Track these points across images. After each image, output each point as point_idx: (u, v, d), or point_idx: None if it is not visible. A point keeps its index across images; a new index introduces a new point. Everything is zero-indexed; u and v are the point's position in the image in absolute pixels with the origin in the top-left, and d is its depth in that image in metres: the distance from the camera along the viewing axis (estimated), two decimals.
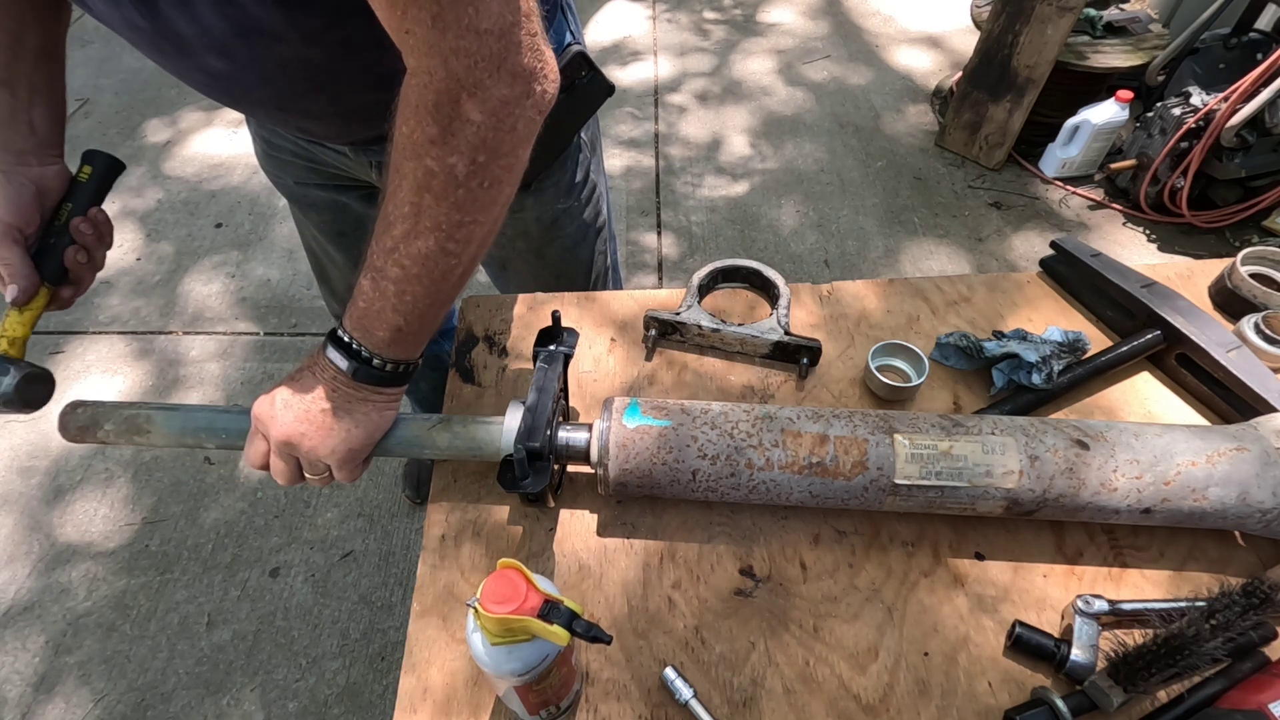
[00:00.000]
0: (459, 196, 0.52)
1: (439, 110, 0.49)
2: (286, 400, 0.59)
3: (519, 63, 0.50)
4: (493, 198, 0.54)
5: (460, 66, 0.48)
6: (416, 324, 0.57)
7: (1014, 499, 0.62)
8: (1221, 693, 0.56)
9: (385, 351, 0.58)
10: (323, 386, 0.58)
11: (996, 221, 2.28)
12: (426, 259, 0.54)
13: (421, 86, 0.49)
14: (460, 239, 0.54)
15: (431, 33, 0.46)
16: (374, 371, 0.58)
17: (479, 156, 0.51)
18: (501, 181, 0.54)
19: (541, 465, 0.62)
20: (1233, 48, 2.20)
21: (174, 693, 1.38)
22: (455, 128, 0.49)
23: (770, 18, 3.16)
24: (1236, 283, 0.84)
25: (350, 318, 0.58)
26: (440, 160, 0.50)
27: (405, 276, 0.54)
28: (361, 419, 0.60)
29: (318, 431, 0.59)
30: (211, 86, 0.69)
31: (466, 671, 0.60)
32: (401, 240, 0.53)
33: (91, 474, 1.69)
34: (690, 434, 0.63)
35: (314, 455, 0.59)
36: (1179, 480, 0.61)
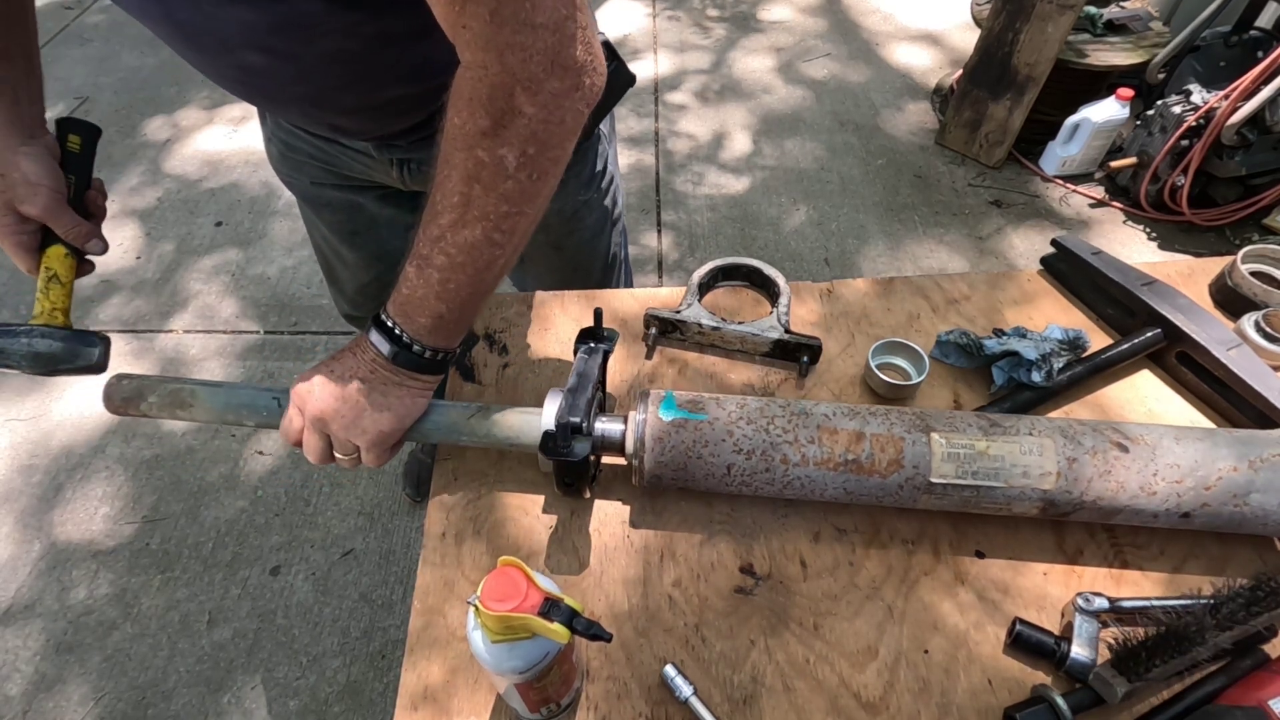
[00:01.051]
0: (507, 188, 0.53)
1: (492, 103, 0.50)
2: (324, 379, 0.60)
3: (572, 56, 0.51)
4: (539, 189, 0.55)
5: (515, 61, 0.49)
6: (458, 312, 0.59)
7: (1050, 500, 0.61)
8: (1221, 689, 0.56)
9: (426, 338, 0.59)
10: (362, 368, 0.60)
11: (997, 220, 2.28)
12: (473, 248, 0.55)
13: (475, 80, 0.50)
14: (506, 229, 0.55)
15: (488, 27, 0.48)
16: (414, 357, 0.59)
17: (529, 149, 0.52)
18: (548, 173, 0.55)
19: (582, 440, 0.62)
20: (1233, 45, 2.20)
21: (175, 691, 1.38)
22: (507, 120, 0.50)
23: (770, 15, 3.16)
24: (1237, 281, 0.84)
25: (394, 303, 0.59)
26: (491, 152, 0.51)
27: (450, 265, 0.55)
28: (395, 403, 0.61)
29: (351, 411, 0.60)
30: (246, 84, 0.69)
31: (467, 669, 0.60)
32: (449, 229, 0.54)
33: (92, 473, 1.69)
34: (726, 428, 0.63)
35: (345, 435, 0.60)
36: (1220, 485, 0.60)
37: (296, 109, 0.75)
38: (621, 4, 3.23)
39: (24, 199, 0.66)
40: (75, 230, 0.69)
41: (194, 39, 0.62)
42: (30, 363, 0.67)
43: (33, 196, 0.66)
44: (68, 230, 0.68)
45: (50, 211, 0.67)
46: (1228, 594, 0.58)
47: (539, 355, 0.83)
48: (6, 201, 0.66)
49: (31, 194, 0.66)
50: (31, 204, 0.66)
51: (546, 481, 0.71)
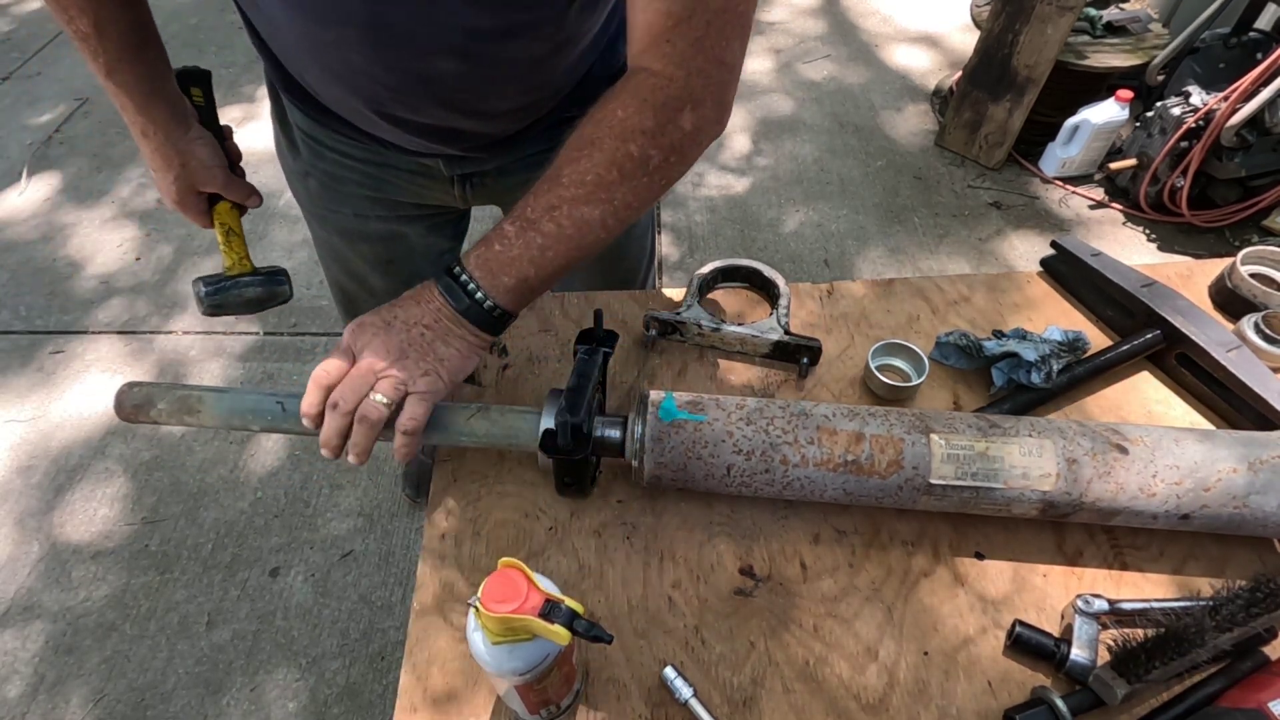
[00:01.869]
0: (641, 182, 0.59)
1: (663, 110, 0.57)
2: (389, 321, 0.61)
3: (728, 96, 0.61)
4: (657, 194, 0.62)
5: (697, 84, 0.57)
6: (543, 281, 0.61)
7: (1050, 502, 0.61)
8: (1221, 691, 0.56)
9: (502, 297, 0.60)
10: (426, 316, 0.61)
11: (996, 221, 2.28)
12: (585, 225, 0.59)
13: (657, 87, 0.57)
14: (621, 218, 0.60)
15: (690, 49, 0.56)
16: (485, 314, 0.61)
17: (671, 157, 0.59)
18: (671, 182, 0.62)
19: (583, 439, 0.62)
20: (1233, 47, 2.20)
21: (174, 692, 1.38)
22: (669, 129, 0.58)
23: (769, 16, 3.16)
24: (1236, 282, 0.84)
25: (477, 258, 0.60)
26: (642, 149, 0.58)
27: (558, 235, 0.59)
28: (455, 353, 0.62)
29: (415, 353, 0.60)
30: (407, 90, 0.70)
31: (467, 671, 0.60)
32: (569, 202, 0.58)
33: (91, 474, 1.69)
34: (725, 429, 0.63)
35: (405, 374, 0.59)
36: (1219, 487, 0.60)
37: (438, 116, 0.74)
38: None
39: (204, 182, 0.78)
40: (244, 193, 0.81)
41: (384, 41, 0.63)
42: (244, 307, 0.80)
43: (210, 179, 0.77)
44: (241, 197, 0.81)
45: (226, 187, 0.79)
46: (1227, 595, 0.58)
47: (539, 356, 0.83)
48: (189, 186, 0.77)
49: (209, 177, 0.77)
50: (210, 184, 0.78)
51: (547, 483, 0.71)
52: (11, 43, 3.09)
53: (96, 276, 2.13)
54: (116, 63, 0.68)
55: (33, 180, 2.45)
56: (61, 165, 2.50)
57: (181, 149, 0.75)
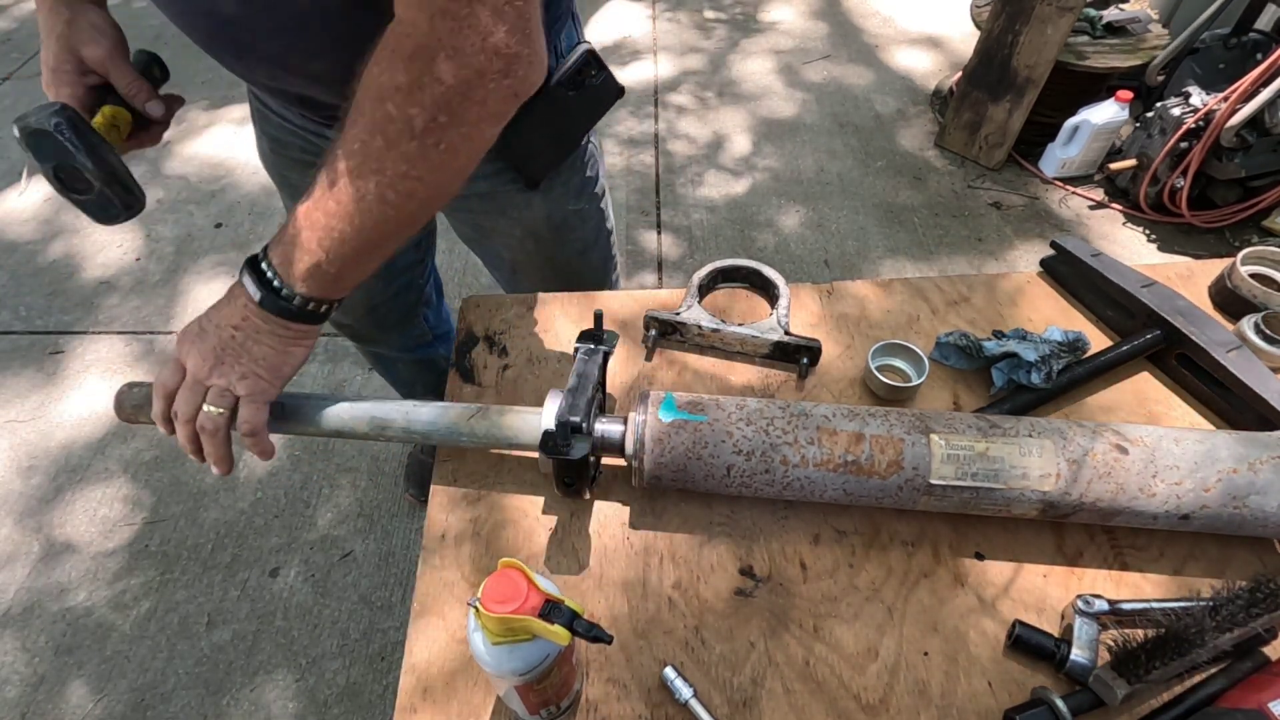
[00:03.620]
0: (409, 149, 0.52)
1: (413, 61, 0.50)
2: (203, 327, 0.60)
3: (503, 41, 0.50)
4: (444, 162, 0.54)
5: (444, 27, 0.48)
6: (338, 265, 0.57)
7: (1049, 502, 0.61)
8: (1221, 692, 0.56)
9: (299, 284, 0.57)
10: (235, 315, 0.59)
11: (996, 221, 2.28)
12: (362, 200, 0.54)
13: (403, 35, 0.50)
14: (401, 191, 0.54)
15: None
16: (283, 303, 0.58)
17: (440, 116, 0.51)
18: (458, 150, 0.54)
19: (582, 439, 0.62)
20: (1232, 48, 2.20)
21: (174, 693, 1.38)
22: (424, 82, 0.50)
23: (770, 17, 3.16)
24: (1236, 283, 0.84)
25: (275, 242, 0.57)
26: (401, 109, 0.51)
27: (339, 212, 0.54)
28: (269, 351, 0.60)
29: (230, 357, 0.59)
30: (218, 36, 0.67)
31: (467, 671, 0.60)
32: (343, 175, 0.53)
33: (91, 474, 1.69)
34: (725, 429, 0.63)
35: (224, 381, 0.59)
36: (1219, 487, 0.60)
37: (264, 70, 0.72)
38: (621, 5, 3.24)
39: (87, 41, 0.66)
40: (134, 85, 0.68)
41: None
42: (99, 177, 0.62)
43: (97, 39, 0.66)
44: (126, 84, 0.68)
45: (112, 59, 0.67)
46: (1227, 596, 0.58)
47: (539, 356, 0.83)
48: (70, 45, 0.66)
49: (95, 38, 0.66)
50: (96, 46, 0.66)
51: (547, 483, 0.71)
52: (12, 43, 3.09)
53: (96, 277, 2.13)
54: None
55: (33, 180, 2.44)
56: None
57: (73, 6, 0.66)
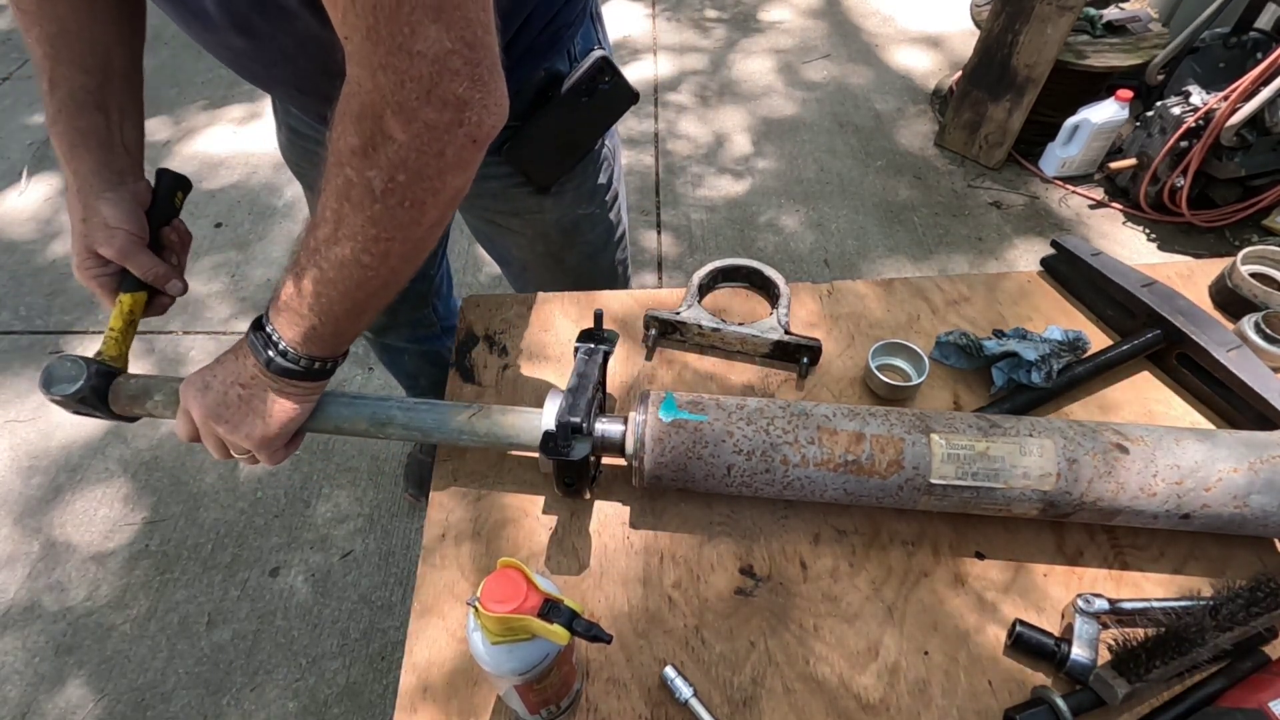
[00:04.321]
0: (375, 211, 0.51)
1: (361, 122, 0.49)
2: (208, 382, 0.61)
3: (451, 90, 0.48)
4: (414, 218, 0.53)
5: (388, 83, 0.47)
6: (331, 326, 0.57)
7: (1050, 501, 0.61)
8: (1221, 691, 0.56)
9: (300, 347, 0.58)
10: (242, 373, 0.60)
11: (996, 221, 2.28)
12: (343, 265, 0.54)
13: (350, 95, 0.49)
14: (376, 253, 0.53)
15: (364, 44, 0.46)
16: (288, 365, 0.58)
17: (398, 175, 0.50)
18: (424, 204, 0.52)
19: (582, 440, 0.62)
20: (1233, 47, 2.20)
21: (174, 692, 1.38)
22: (377, 142, 0.49)
23: (770, 16, 3.16)
24: (1237, 282, 0.84)
25: (273, 308, 0.58)
26: (359, 172, 0.50)
27: (323, 279, 0.54)
28: (275, 409, 0.61)
29: (234, 416, 0.60)
30: (237, 63, 0.69)
31: (467, 671, 0.60)
32: (323, 243, 0.53)
33: (91, 474, 1.69)
34: (726, 429, 0.63)
35: (230, 438, 0.61)
36: (1220, 487, 0.60)
37: (284, 92, 0.75)
38: (621, 5, 3.23)
39: (101, 242, 0.69)
40: (151, 272, 0.71)
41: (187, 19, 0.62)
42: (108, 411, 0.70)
43: (110, 240, 0.69)
44: (144, 271, 0.71)
45: (126, 254, 0.70)
46: (1227, 595, 0.58)
47: (539, 356, 0.83)
48: (88, 245, 0.70)
49: (109, 238, 0.69)
50: (108, 246, 0.69)
51: (546, 483, 0.71)
52: (12, 43, 3.09)
53: None
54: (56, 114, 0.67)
55: (33, 180, 2.45)
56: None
57: (89, 203, 0.69)
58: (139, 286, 0.73)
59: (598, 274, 1.05)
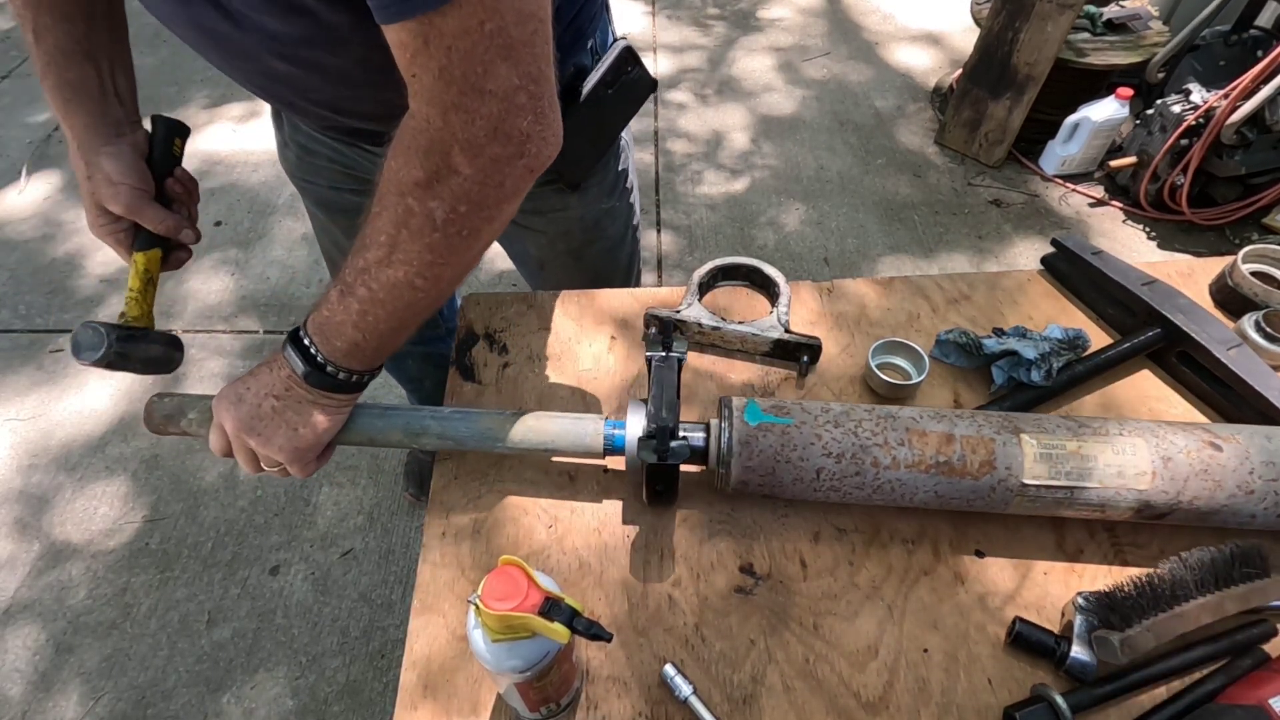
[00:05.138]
0: (434, 239, 0.52)
1: (429, 157, 0.49)
2: (241, 395, 0.60)
3: (516, 125, 0.50)
4: (469, 245, 0.55)
5: (458, 121, 0.48)
6: (375, 342, 0.58)
7: (1146, 501, 0.60)
8: (1222, 688, 0.57)
9: (341, 361, 0.58)
10: (276, 385, 0.60)
11: (996, 219, 2.28)
12: (394, 288, 0.55)
13: (416, 130, 0.50)
14: (430, 277, 0.55)
15: (436, 83, 0.47)
16: (327, 378, 0.59)
17: (460, 206, 0.51)
18: (480, 232, 0.54)
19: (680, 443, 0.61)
20: (1233, 45, 2.20)
21: (174, 690, 1.38)
22: (442, 176, 0.50)
23: (770, 14, 3.16)
24: (1237, 280, 0.84)
25: (312, 322, 0.58)
26: (421, 203, 0.51)
27: (371, 299, 0.55)
28: (310, 421, 0.61)
29: (266, 429, 0.60)
30: (269, 90, 0.69)
31: (467, 669, 0.60)
32: (374, 265, 0.54)
33: (91, 473, 1.69)
34: (814, 432, 0.62)
35: (263, 451, 0.61)
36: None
37: (317, 114, 0.75)
38: (621, 3, 3.23)
39: (108, 198, 0.68)
40: (162, 224, 0.71)
41: (219, 45, 0.62)
42: (142, 366, 0.71)
43: (115, 196, 0.68)
44: (155, 225, 0.71)
45: (133, 208, 0.69)
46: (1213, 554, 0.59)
47: (539, 354, 0.83)
48: (96, 201, 0.69)
49: (114, 194, 0.68)
50: (115, 202, 0.69)
51: (546, 481, 0.71)
52: (11, 41, 3.08)
53: (96, 275, 2.13)
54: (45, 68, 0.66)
55: (32, 178, 2.44)
56: (61, 163, 2.49)
57: (90, 160, 0.68)
58: (152, 242, 0.72)
59: (615, 270, 1.04)
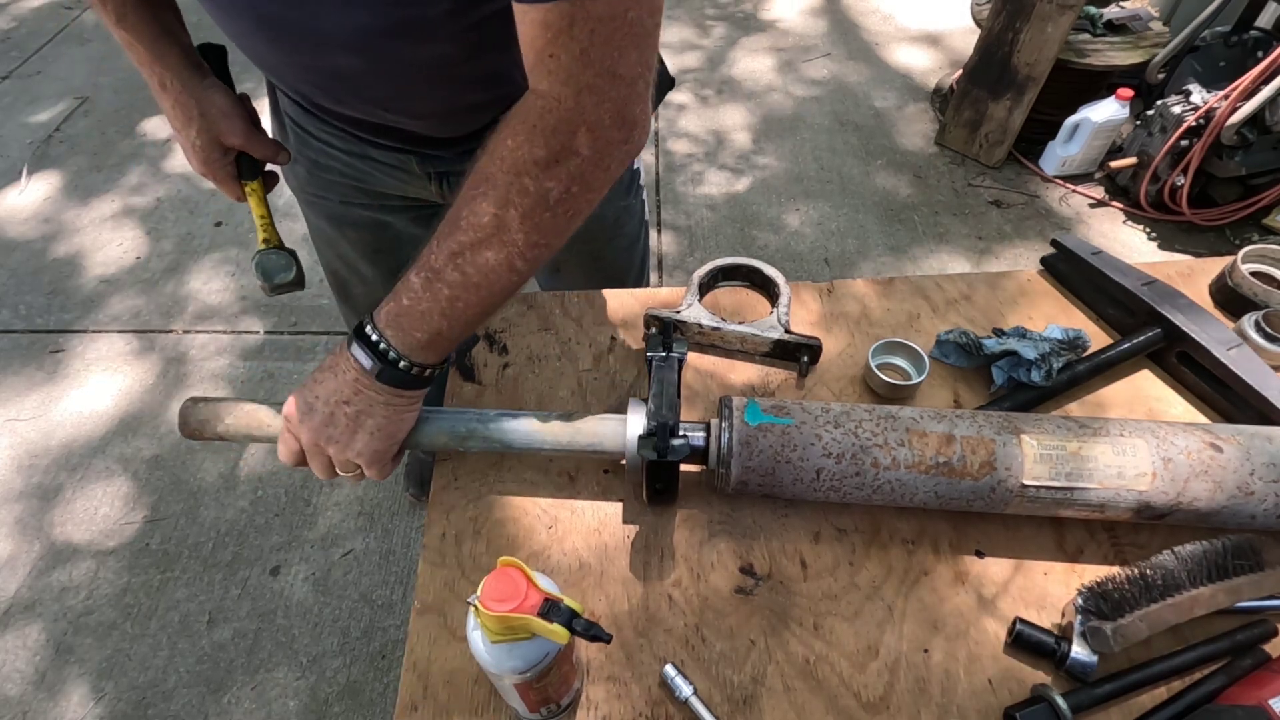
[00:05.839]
0: (543, 219, 0.53)
1: (554, 135, 0.51)
2: (310, 405, 0.59)
3: (633, 111, 0.52)
4: (569, 227, 0.56)
5: (589, 102, 0.50)
6: (458, 331, 0.57)
7: (1146, 502, 0.60)
8: (1222, 688, 0.56)
9: (416, 353, 0.57)
10: (344, 389, 0.58)
11: (996, 219, 2.28)
12: (491, 271, 0.54)
13: (545, 109, 0.50)
14: (529, 259, 0.55)
15: (575, 63, 0.48)
16: (399, 374, 0.58)
17: (574, 187, 0.53)
18: (581, 214, 0.55)
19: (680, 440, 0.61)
20: (1233, 45, 2.20)
21: (175, 691, 1.38)
22: (563, 156, 0.51)
23: (770, 15, 3.16)
24: (1237, 281, 0.84)
25: (387, 314, 0.57)
26: (538, 182, 0.52)
27: (464, 283, 0.54)
28: (383, 422, 0.60)
29: (342, 435, 0.59)
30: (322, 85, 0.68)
31: (467, 669, 0.60)
32: (470, 247, 0.53)
33: (91, 473, 1.69)
34: (814, 432, 0.62)
35: (341, 457, 0.60)
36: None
37: (361, 112, 0.74)
38: None
39: (226, 132, 0.71)
40: (270, 149, 0.74)
41: (282, 36, 0.61)
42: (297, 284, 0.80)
43: (232, 129, 0.71)
44: (266, 152, 0.74)
45: (249, 138, 0.72)
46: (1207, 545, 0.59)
47: (539, 355, 0.83)
48: (213, 139, 0.71)
49: (231, 127, 0.71)
50: (233, 134, 0.71)
51: (546, 482, 0.71)
52: (11, 41, 3.09)
53: (97, 275, 2.13)
54: (122, 7, 0.64)
55: (33, 179, 2.44)
56: (61, 164, 2.49)
57: (199, 97, 0.70)
58: (254, 169, 0.74)
59: (629, 267, 1.04)
